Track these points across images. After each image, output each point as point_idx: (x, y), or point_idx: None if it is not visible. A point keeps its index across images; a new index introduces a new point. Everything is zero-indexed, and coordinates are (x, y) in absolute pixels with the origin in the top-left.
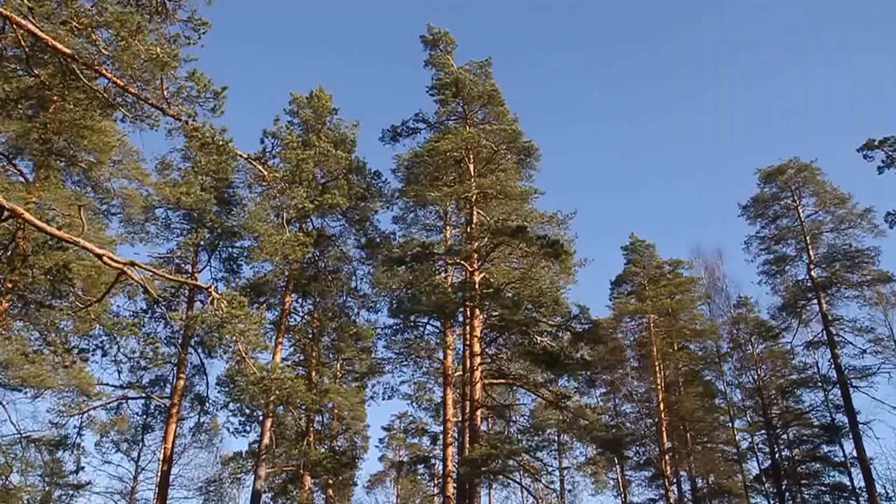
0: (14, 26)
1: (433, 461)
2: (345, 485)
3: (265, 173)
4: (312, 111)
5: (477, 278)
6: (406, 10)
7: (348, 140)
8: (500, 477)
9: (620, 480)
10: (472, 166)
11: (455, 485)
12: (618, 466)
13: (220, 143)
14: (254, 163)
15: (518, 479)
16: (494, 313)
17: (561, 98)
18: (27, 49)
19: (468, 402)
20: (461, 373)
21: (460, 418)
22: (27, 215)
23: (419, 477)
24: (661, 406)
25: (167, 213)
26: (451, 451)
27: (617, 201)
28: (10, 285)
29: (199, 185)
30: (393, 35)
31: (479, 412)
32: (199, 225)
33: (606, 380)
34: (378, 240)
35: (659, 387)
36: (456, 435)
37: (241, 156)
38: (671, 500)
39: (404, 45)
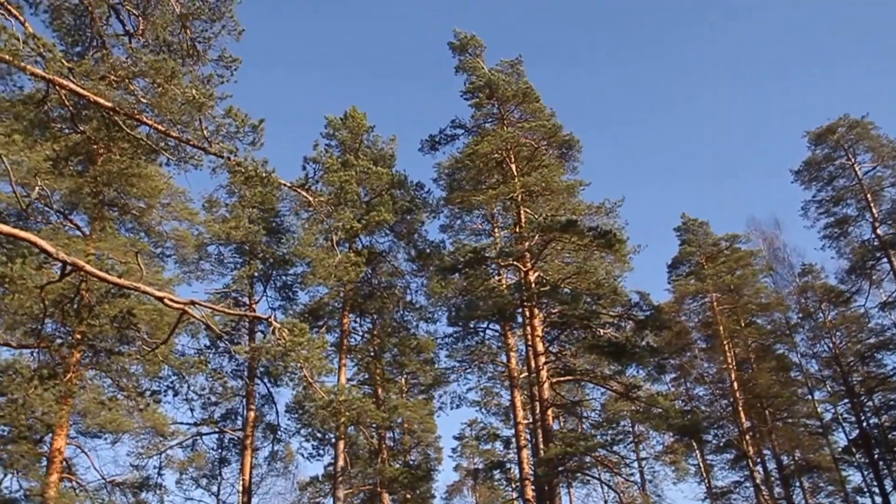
0: (57, 87)
1: (508, 465)
2: (423, 498)
3: (310, 199)
4: (348, 131)
5: (532, 277)
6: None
7: (387, 155)
8: (579, 475)
9: (702, 466)
10: (514, 166)
11: (534, 487)
12: (697, 452)
13: (263, 174)
14: (298, 190)
15: (597, 475)
16: (553, 311)
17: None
18: (71, 107)
19: (537, 403)
20: (527, 374)
21: (531, 419)
22: (88, 267)
23: (496, 483)
24: (735, 385)
25: (219, 249)
26: (526, 453)
27: (661, 183)
28: (79, 336)
29: (247, 219)
30: (408, 49)
31: (549, 411)
32: (252, 257)
33: (675, 365)
34: (428, 251)
35: (730, 366)
36: (529, 436)
37: (284, 185)
38: (757, 481)
39: (422, 58)
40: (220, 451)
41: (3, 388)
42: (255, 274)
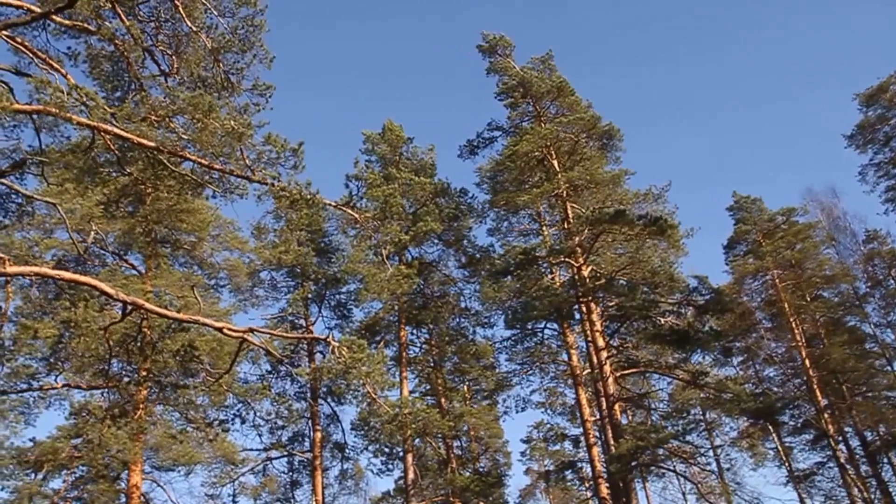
0: (102, 133)
1: (580, 464)
2: None
3: (356, 216)
4: (387, 145)
5: (585, 272)
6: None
7: (427, 165)
8: (653, 468)
9: (780, 448)
10: (555, 162)
11: (608, 484)
12: (774, 435)
13: (308, 197)
14: (343, 209)
15: (671, 467)
16: (611, 304)
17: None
18: (117, 151)
19: (603, 399)
20: (589, 370)
21: (598, 416)
22: (148, 305)
23: (569, 483)
24: (807, 363)
25: (271, 274)
26: (597, 450)
27: (707, 161)
28: (145, 373)
29: (296, 241)
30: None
31: (616, 406)
32: (304, 279)
33: (741, 347)
34: (478, 256)
35: (800, 343)
36: (598, 434)
37: (330, 205)
38: (841, 460)
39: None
40: (290, 473)
41: (79, 430)
42: (309, 295)
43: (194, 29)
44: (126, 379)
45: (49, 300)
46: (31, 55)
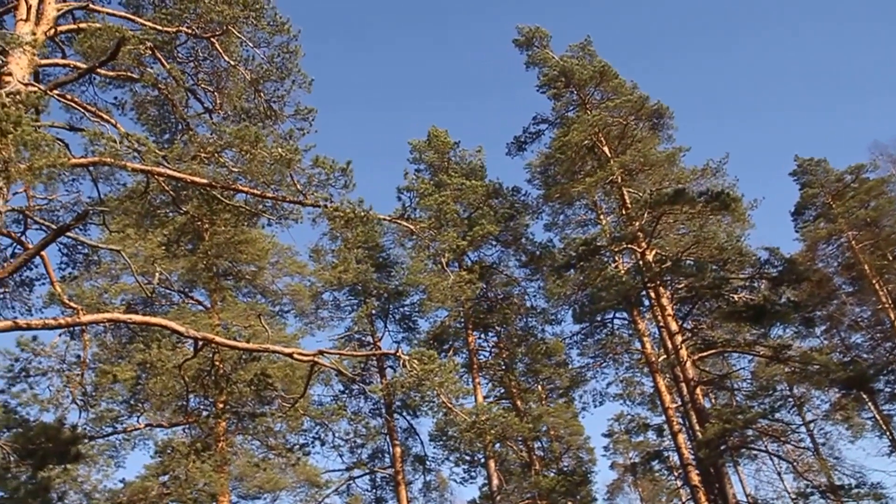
0: (155, 177)
1: (666, 453)
2: (585, 502)
3: (412, 227)
4: (434, 152)
5: (650, 257)
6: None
7: (477, 167)
8: (744, 450)
9: (879, 418)
10: (606, 148)
11: (698, 471)
12: (870, 403)
13: (362, 214)
14: (398, 222)
15: (763, 447)
16: (679, 286)
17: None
18: (171, 192)
19: (683, 384)
20: (665, 356)
21: (680, 402)
22: (218, 339)
23: (657, 473)
24: None
25: (333, 295)
26: (682, 437)
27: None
28: (222, 406)
29: (354, 259)
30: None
31: (698, 390)
32: (366, 296)
33: (823, 316)
34: (538, 253)
35: (887, 305)
36: (681, 420)
37: (384, 219)
38: None
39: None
40: (374, 491)
41: (165, 467)
42: (373, 312)
43: (232, 63)
44: (205, 413)
45: (123, 344)
46: (81, 110)
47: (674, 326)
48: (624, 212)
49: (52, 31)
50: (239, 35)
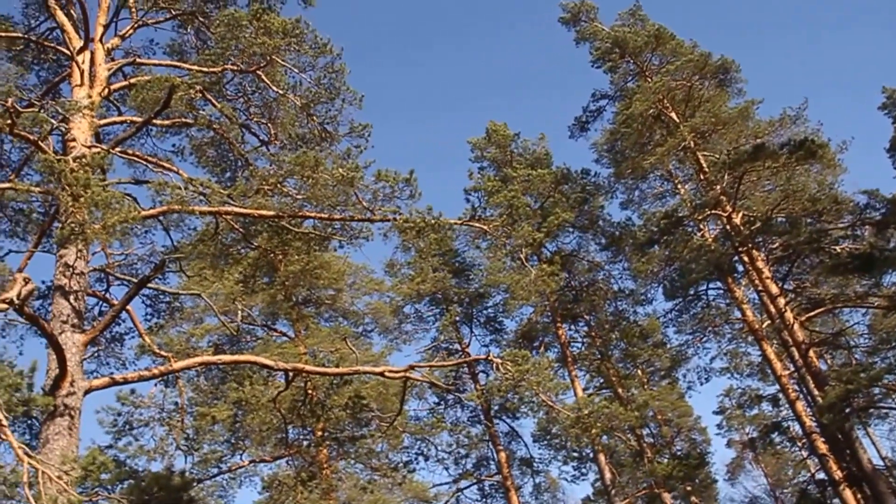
0: (223, 216)
1: (785, 424)
2: (705, 486)
3: (484, 227)
4: (496, 147)
5: (737, 220)
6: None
7: (542, 156)
8: (872, 410)
9: None
10: (673, 114)
11: (824, 439)
12: None
13: (432, 222)
14: (470, 224)
15: (894, 404)
16: (774, 246)
17: None
18: (240, 228)
19: (793, 348)
20: (769, 321)
21: (792, 368)
22: (308, 367)
23: (778, 446)
24: None
25: (414, 307)
26: (801, 405)
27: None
28: (320, 434)
29: (431, 269)
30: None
31: (810, 352)
32: (447, 304)
33: None
34: (617, 233)
35: None
36: (796, 387)
37: (455, 223)
38: None
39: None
40: (484, 500)
41: (274, 501)
42: (457, 318)
43: (281, 92)
44: (305, 443)
45: (217, 385)
46: (143, 162)
47: (774, 289)
48: (702, 177)
49: (106, 91)
50: (283, 63)
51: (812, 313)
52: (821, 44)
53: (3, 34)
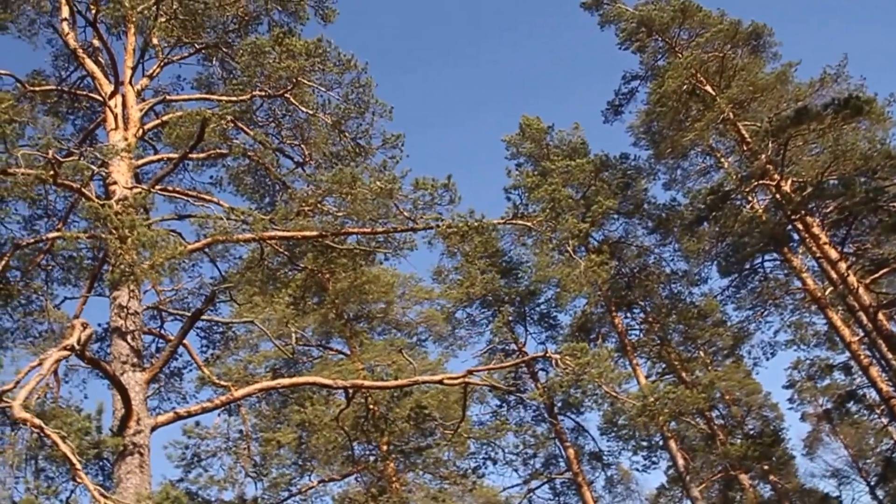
0: (266, 241)
1: (861, 391)
2: (783, 463)
3: (528, 224)
4: (531, 141)
5: (787, 187)
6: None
7: (578, 144)
8: None
9: None
10: (708, 87)
11: None
12: None
13: (475, 224)
14: (513, 222)
15: None
16: (828, 210)
17: None
18: (285, 252)
19: (860, 313)
20: (832, 288)
21: (862, 333)
22: (367, 383)
23: (856, 416)
24: None
25: (465, 311)
26: (875, 371)
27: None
28: (385, 448)
29: (479, 271)
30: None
31: (880, 315)
32: (499, 305)
33: None
34: (664, 215)
35: None
36: (868, 352)
37: (499, 223)
38: None
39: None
40: (557, 498)
41: None
42: (510, 318)
43: (310, 112)
44: (371, 458)
45: (279, 409)
46: (184, 197)
47: (833, 254)
48: (745, 148)
49: (140, 131)
50: (310, 84)
51: (876, 275)
52: None
53: (37, 88)
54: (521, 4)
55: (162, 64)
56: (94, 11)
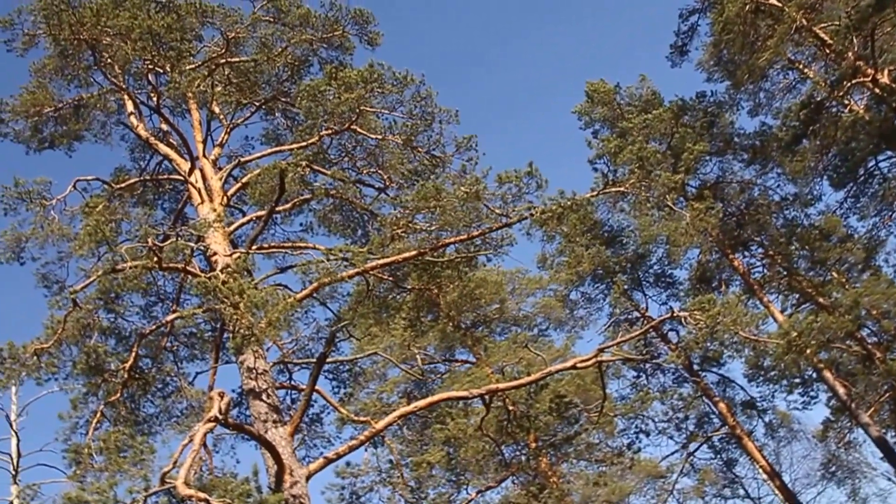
0: (369, 273)
1: None
2: None
3: (622, 189)
4: (601, 105)
5: (885, 79)
6: None
7: (650, 96)
8: None
9: None
10: (772, 0)
11: None
12: None
13: (569, 204)
14: (606, 192)
15: None
16: None
17: None
18: (389, 278)
19: None
20: None
21: None
22: (500, 385)
23: None
24: None
25: (578, 291)
26: None
27: None
28: (534, 444)
29: (582, 248)
30: None
31: None
32: (611, 276)
33: None
34: (758, 142)
35: None
36: None
37: (592, 196)
38: None
39: None
40: (718, 455)
41: None
42: (625, 287)
43: (379, 137)
44: (523, 457)
45: (421, 431)
46: (280, 251)
47: None
48: (828, 51)
49: (225, 199)
50: (372, 110)
51: None
52: None
53: (123, 185)
54: None
55: (228, 130)
56: (155, 98)
